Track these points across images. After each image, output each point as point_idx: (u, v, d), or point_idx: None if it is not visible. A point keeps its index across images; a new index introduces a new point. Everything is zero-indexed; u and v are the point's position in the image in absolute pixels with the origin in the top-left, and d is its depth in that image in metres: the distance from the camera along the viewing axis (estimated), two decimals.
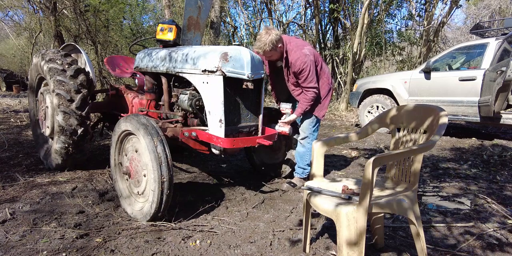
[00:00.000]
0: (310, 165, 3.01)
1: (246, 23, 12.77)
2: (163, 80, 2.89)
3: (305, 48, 2.79)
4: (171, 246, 2.02)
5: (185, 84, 2.78)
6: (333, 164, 4.03)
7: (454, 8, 9.29)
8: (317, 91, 2.86)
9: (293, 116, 2.91)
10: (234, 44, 2.54)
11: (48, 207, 2.58)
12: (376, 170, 1.47)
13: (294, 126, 3.09)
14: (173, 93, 2.84)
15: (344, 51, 10.82)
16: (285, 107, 2.96)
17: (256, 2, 13.02)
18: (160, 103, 3.05)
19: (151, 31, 11.86)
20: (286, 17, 14.90)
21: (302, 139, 3.04)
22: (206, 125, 2.52)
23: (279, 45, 2.73)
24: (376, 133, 5.92)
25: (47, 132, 3.39)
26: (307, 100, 2.86)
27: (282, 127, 2.89)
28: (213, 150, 2.56)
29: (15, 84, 17.10)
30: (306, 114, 2.98)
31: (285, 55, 2.81)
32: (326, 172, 3.63)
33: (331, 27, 12.32)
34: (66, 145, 3.10)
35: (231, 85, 2.41)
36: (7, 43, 18.88)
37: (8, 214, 2.40)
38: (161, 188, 2.14)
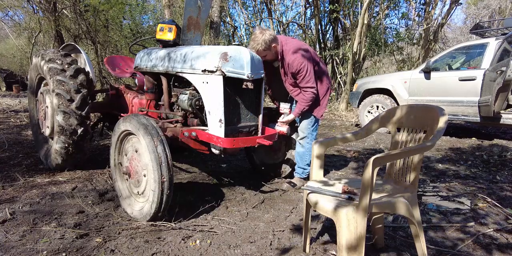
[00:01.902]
0: (310, 165, 3.00)
1: (246, 23, 12.78)
2: (163, 80, 2.89)
3: (302, 48, 2.78)
4: (171, 246, 2.02)
5: (185, 84, 2.78)
6: (333, 164, 4.03)
7: (454, 8, 9.30)
8: (315, 91, 2.85)
9: (291, 116, 2.91)
10: (234, 44, 2.54)
11: (48, 207, 2.58)
12: (376, 170, 1.47)
13: (293, 126, 3.08)
14: (173, 93, 2.84)
15: (344, 51, 10.82)
16: (284, 107, 2.97)
17: (256, 2, 13.02)
18: (160, 103, 3.05)
19: (151, 31, 11.85)
20: (286, 17, 14.89)
21: (301, 139, 3.04)
22: (206, 125, 2.52)
23: (273, 45, 2.72)
24: (376, 133, 5.92)
25: (47, 132, 3.39)
26: (305, 101, 2.86)
27: (280, 127, 2.90)
28: (213, 150, 2.56)
29: (15, 84, 17.14)
30: (305, 114, 2.98)
31: (281, 56, 2.80)
32: (326, 172, 3.63)
33: (331, 27, 12.31)
34: (66, 145, 3.10)
35: (231, 85, 2.41)
36: (7, 43, 18.87)
37: (8, 214, 2.40)
38: (161, 188, 2.14)
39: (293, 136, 3.15)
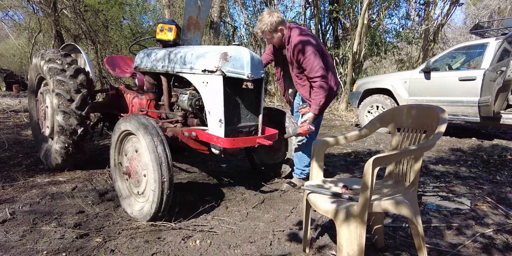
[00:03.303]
0: (308, 166, 3.00)
1: (246, 23, 12.77)
2: (163, 80, 2.89)
3: (310, 35, 2.69)
4: (171, 246, 2.02)
5: (185, 84, 2.78)
6: (333, 164, 4.02)
7: (454, 8, 9.30)
8: (326, 80, 2.65)
9: (309, 114, 2.74)
10: (234, 44, 2.54)
11: (48, 207, 2.58)
12: (376, 170, 1.47)
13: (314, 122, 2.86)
14: (173, 93, 2.84)
15: (344, 51, 10.82)
16: (302, 106, 2.83)
17: (256, 2, 13.01)
18: (160, 103, 3.05)
19: (151, 31, 11.84)
20: (286, 17, 14.88)
21: (299, 141, 3.02)
22: (206, 125, 2.52)
23: (280, 27, 2.67)
24: (376, 133, 5.92)
25: (47, 132, 3.39)
26: (318, 93, 2.65)
27: (302, 127, 2.73)
28: (213, 150, 2.56)
29: (15, 84, 17.11)
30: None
31: (287, 41, 2.71)
32: (326, 172, 3.63)
33: (331, 27, 12.31)
34: (66, 145, 3.10)
35: (231, 85, 2.41)
36: (7, 43, 18.87)
37: (8, 214, 2.40)
38: (161, 188, 2.14)
39: (293, 137, 3.13)
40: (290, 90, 3.05)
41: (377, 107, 6.38)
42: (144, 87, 3.19)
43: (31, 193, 2.82)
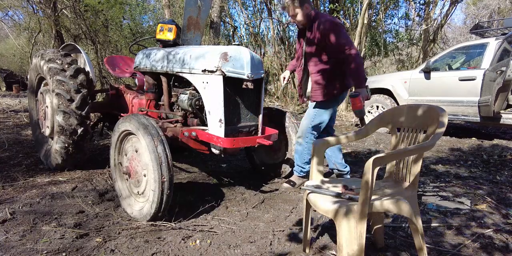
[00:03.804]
0: (309, 163, 2.99)
1: (246, 23, 12.76)
2: (163, 80, 2.89)
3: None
4: (171, 246, 2.02)
5: (185, 84, 2.78)
6: None
7: (454, 8, 9.30)
8: (357, 52, 2.59)
9: (361, 91, 2.61)
10: (234, 44, 2.54)
11: (48, 207, 2.58)
12: (376, 170, 1.47)
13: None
14: (173, 93, 2.84)
15: None
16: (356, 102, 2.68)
17: (256, 2, 13.00)
18: (160, 103, 3.06)
19: (151, 31, 11.85)
20: (286, 17, 14.86)
21: (298, 137, 3.01)
22: (206, 125, 2.52)
23: (306, 5, 2.69)
24: (376, 133, 5.92)
25: (47, 132, 3.39)
26: (355, 64, 2.56)
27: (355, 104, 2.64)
28: (213, 150, 2.56)
29: (15, 84, 17.15)
30: (309, 112, 2.96)
31: (313, 19, 2.70)
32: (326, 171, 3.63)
33: None
34: (66, 145, 3.10)
35: (231, 85, 2.41)
36: (7, 43, 18.89)
37: (8, 214, 2.40)
38: (161, 188, 2.14)
39: (292, 134, 3.13)
40: (307, 89, 3.03)
41: (377, 107, 6.38)
42: (144, 87, 3.19)
43: (31, 193, 2.82)
